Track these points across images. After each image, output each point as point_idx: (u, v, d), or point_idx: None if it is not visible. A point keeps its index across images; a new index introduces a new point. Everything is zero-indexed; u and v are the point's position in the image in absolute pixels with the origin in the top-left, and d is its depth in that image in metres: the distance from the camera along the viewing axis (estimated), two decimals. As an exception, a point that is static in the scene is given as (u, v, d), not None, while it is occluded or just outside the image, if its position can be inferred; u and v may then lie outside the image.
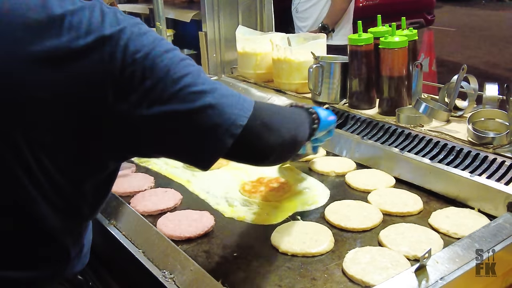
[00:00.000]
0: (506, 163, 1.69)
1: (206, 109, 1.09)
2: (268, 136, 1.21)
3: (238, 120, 1.12)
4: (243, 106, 1.14)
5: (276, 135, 1.23)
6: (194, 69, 1.11)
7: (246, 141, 1.14)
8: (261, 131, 1.19)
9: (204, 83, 1.10)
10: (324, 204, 1.76)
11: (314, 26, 4.12)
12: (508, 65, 8.31)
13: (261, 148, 1.21)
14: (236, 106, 1.13)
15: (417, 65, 2.10)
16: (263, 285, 1.34)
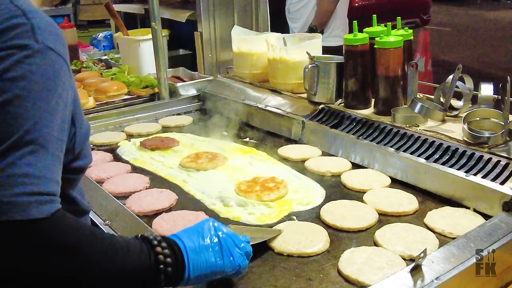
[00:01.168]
0: (501, 163, 1.69)
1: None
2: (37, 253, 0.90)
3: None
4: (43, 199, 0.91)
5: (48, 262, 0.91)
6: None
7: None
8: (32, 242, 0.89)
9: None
10: (319, 204, 1.76)
11: (304, 27, 4.13)
12: (503, 64, 8.32)
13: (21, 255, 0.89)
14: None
15: (413, 65, 2.10)
16: (259, 285, 1.34)
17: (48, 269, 0.92)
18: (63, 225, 0.96)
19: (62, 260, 0.92)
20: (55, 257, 0.92)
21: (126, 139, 2.49)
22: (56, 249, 0.92)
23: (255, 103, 2.61)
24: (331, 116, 2.28)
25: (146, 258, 1.04)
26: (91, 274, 0.96)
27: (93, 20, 6.99)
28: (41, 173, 0.93)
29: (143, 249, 1.05)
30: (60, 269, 0.92)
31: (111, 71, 3.42)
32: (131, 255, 1.02)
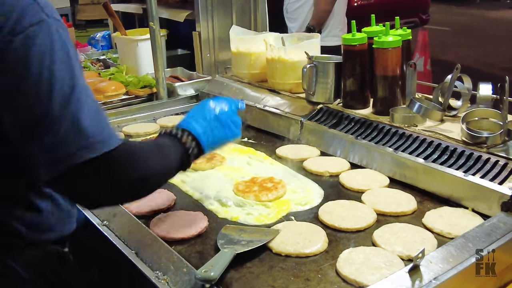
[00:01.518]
0: (500, 163, 1.69)
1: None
2: (117, 176, 1.20)
3: (96, 147, 1.14)
4: (109, 138, 1.17)
5: (129, 178, 1.22)
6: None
7: (92, 173, 1.16)
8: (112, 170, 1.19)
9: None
10: (318, 204, 1.76)
11: (302, 27, 4.14)
12: (502, 64, 8.33)
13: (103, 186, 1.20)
14: (100, 134, 1.16)
15: (411, 64, 2.09)
16: (257, 285, 1.33)
17: (134, 176, 1.23)
18: (132, 146, 1.29)
19: (142, 168, 1.26)
20: (138, 167, 1.25)
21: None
22: (135, 162, 1.25)
23: (254, 103, 2.61)
24: (329, 116, 2.28)
25: (181, 149, 1.42)
26: (157, 171, 1.32)
27: (91, 20, 6.98)
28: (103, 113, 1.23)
29: (176, 144, 1.43)
30: (142, 174, 1.25)
31: (109, 71, 3.41)
32: (173, 151, 1.40)
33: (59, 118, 1.12)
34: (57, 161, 1.13)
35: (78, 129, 1.13)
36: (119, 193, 1.25)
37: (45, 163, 1.14)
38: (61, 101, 1.13)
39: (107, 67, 3.68)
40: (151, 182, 1.31)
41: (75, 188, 1.19)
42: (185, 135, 1.45)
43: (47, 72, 1.13)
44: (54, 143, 1.12)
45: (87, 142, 1.13)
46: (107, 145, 1.16)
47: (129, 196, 1.31)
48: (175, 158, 1.40)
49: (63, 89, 1.14)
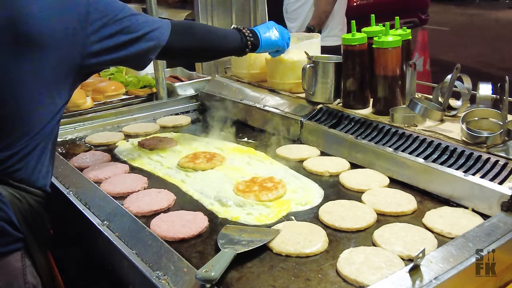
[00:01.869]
0: (500, 163, 1.69)
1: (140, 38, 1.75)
2: (180, 47, 1.95)
3: (161, 38, 1.83)
4: (162, 30, 1.84)
5: (187, 47, 2.00)
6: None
7: (167, 50, 1.87)
8: (175, 44, 1.89)
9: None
10: (318, 204, 1.76)
11: (302, 27, 4.14)
12: (502, 64, 8.33)
13: (178, 54, 2.02)
14: (158, 30, 1.82)
15: (411, 64, 2.09)
16: (257, 285, 1.33)
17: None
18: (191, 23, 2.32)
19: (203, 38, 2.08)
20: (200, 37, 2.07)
21: (124, 139, 2.49)
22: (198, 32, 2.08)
23: (253, 103, 2.61)
24: (329, 116, 2.28)
25: (238, 34, 2.19)
26: (221, 45, 2.16)
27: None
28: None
29: (235, 31, 2.20)
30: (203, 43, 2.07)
31: (109, 71, 3.41)
32: (230, 32, 2.18)
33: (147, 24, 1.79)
34: (152, 48, 1.81)
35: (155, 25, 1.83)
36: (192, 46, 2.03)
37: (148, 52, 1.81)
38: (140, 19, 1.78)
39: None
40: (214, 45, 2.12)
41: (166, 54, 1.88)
42: (247, 29, 2.21)
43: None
44: (148, 41, 1.78)
45: (161, 28, 1.84)
46: (169, 25, 1.88)
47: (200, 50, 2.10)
48: (231, 36, 2.16)
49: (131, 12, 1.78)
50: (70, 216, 1.84)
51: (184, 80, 3.17)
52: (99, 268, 1.76)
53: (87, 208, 1.73)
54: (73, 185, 1.89)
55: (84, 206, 1.74)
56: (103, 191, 1.82)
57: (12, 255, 1.46)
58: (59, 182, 1.92)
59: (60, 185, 1.90)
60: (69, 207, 1.79)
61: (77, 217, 1.73)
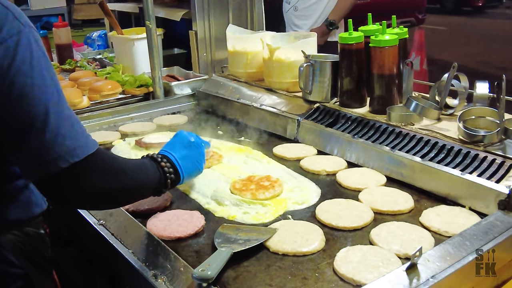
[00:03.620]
0: (497, 161, 1.69)
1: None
2: (101, 180, 1.29)
3: (76, 152, 1.21)
4: (86, 143, 1.24)
5: (112, 183, 1.33)
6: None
7: (75, 176, 1.23)
8: (95, 174, 1.27)
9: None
10: (315, 203, 1.76)
11: (317, 23, 4.07)
12: (498, 63, 8.34)
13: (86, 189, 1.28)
14: (79, 139, 1.23)
15: (408, 63, 2.09)
16: (254, 284, 1.33)
17: (110, 187, 1.32)
18: (106, 155, 1.37)
19: (117, 179, 1.34)
20: (115, 176, 1.34)
21: (120, 138, 2.48)
22: (113, 170, 1.35)
23: (250, 102, 2.61)
24: (326, 115, 2.27)
25: (157, 170, 1.51)
26: (133, 183, 1.41)
27: (87, 19, 6.97)
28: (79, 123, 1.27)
29: (153, 165, 1.51)
30: (117, 186, 1.35)
31: (106, 70, 3.41)
32: (150, 170, 1.49)
33: (43, 125, 1.17)
34: (41, 166, 1.19)
35: (61, 136, 1.19)
36: (99, 196, 1.32)
37: (30, 168, 1.22)
38: (44, 109, 1.18)
39: (104, 66, 3.67)
40: (135, 189, 1.44)
41: (58, 191, 1.25)
42: (164, 160, 1.55)
43: (30, 80, 1.17)
44: (39, 149, 1.18)
45: (68, 148, 1.19)
46: (87, 150, 1.23)
47: (117, 198, 1.40)
48: (152, 177, 1.49)
49: (47, 96, 1.19)
50: (66, 215, 1.83)
51: (181, 79, 3.17)
52: (95, 267, 1.76)
53: (83, 207, 1.72)
54: (69, 184, 1.88)
55: (80, 205, 1.74)
56: (99, 190, 1.81)
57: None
58: (55, 182, 1.91)
59: (56, 184, 1.89)
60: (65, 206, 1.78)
61: (73, 217, 1.73)
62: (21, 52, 1.17)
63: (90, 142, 1.25)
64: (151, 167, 1.50)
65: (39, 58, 1.20)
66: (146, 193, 1.52)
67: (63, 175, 1.20)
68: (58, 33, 4.01)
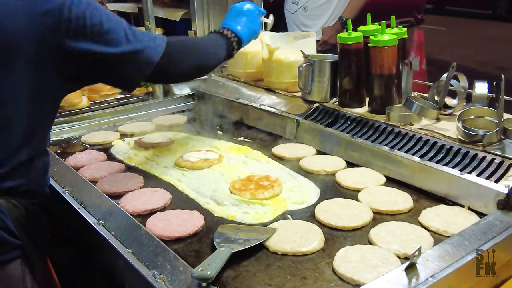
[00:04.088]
0: (496, 161, 1.69)
1: (127, 55, 1.56)
2: (175, 68, 1.76)
3: (153, 58, 1.63)
4: (156, 48, 1.64)
5: (183, 67, 1.81)
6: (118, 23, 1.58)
7: (159, 72, 1.67)
8: (170, 65, 1.71)
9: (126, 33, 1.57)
10: (314, 203, 1.76)
11: (329, 22, 4.06)
12: (497, 63, 8.34)
13: (171, 75, 1.85)
14: (151, 48, 1.63)
15: (407, 63, 2.09)
16: (253, 284, 1.33)
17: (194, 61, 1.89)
18: (177, 40, 1.87)
19: (196, 50, 1.92)
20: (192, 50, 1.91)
21: (120, 138, 2.48)
22: (189, 48, 1.92)
23: (250, 102, 2.61)
24: (325, 114, 2.28)
25: (225, 40, 2.01)
26: (207, 51, 1.96)
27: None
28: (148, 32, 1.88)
29: (217, 35, 2.03)
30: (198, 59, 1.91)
31: (105, 70, 3.40)
32: (217, 40, 2.01)
33: (134, 45, 1.57)
34: (143, 68, 1.63)
35: (147, 43, 1.62)
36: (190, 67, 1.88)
37: (138, 72, 1.65)
38: (129, 33, 1.58)
39: (103, 66, 3.66)
40: (209, 59, 1.96)
41: (162, 79, 1.98)
42: (226, 30, 2.03)
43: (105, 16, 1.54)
44: (137, 60, 1.60)
45: (154, 48, 1.64)
46: (164, 42, 1.69)
47: (197, 69, 1.95)
48: (221, 43, 1.99)
49: (121, 23, 1.59)
50: (66, 215, 1.84)
51: (180, 79, 3.16)
52: (95, 267, 1.76)
53: (82, 207, 1.72)
54: (69, 185, 1.88)
55: (80, 205, 1.74)
56: (99, 190, 1.82)
57: (12, 263, 1.45)
58: (55, 182, 1.91)
59: (56, 184, 1.90)
60: (64, 206, 1.78)
61: (73, 217, 1.73)
62: (87, 8, 1.48)
63: (161, 41, 1.68)
64: (216, 38, 2.00)
65: (95, 5, 1.54)
66: (220, 56, 1.99)
67: (162, 59, 1.65)
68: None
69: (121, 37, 1.54)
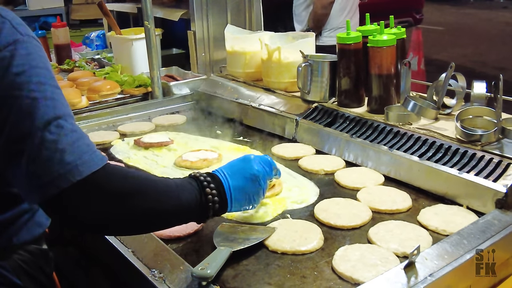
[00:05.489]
0: (494, 160, 1.70)
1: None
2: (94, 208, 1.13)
3: (78, 170, 1.08)
4: (90, 159, 1.11)
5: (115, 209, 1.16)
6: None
7: (71, 202, 1.10)
8: (87, 200, 1.12)
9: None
10: (313, 202, 1.76)
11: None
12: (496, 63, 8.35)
13: (80, 216, 1.14)
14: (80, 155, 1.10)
15: (406, 63, 2.10)
16: (253, 283, 1.34)
17: (123, 211, 1.16)
18: (119, 172, 1.20)
19: (132, 201, 1.16)
20: (126, 200, 1.15)
21: (119, 138, 2.49)
22: (123, 193, 1.15)
23: (249, 102, 2.61)
24: (324, 114, 2.28)
25: (197, 196, 1.30)
26: (155, 211, 1.21)
27: (85, 19, 6.97)
28: (84, 137, 1.14)
29: (194, 188, 1.30)
30: (132, 209, 1.17)
31: (104, 70, 3.41)
32: (185, 192, 1.28)
33: (41, 141, 1.07)
34: (41, 188, 1.07)
35: (60, 152, 1.07)
36: (112, 221, 1.18)
37: (30, 190, 1.10)
38: (40, 124, 1.08)
39: (102, 66, 3.67)
40: (150, 214, 1.22)
41: (62, 214, 1.14)
42: (212, 184, 1.35)
43: (26, 93, 1.09)
44: (36, 168, 1.07)
45: (70, 165, 1.07)
46: (92, 167, 1.10)
47: (124, 225, 1.23)
48: (188, 203, 1.29)
49: (45, 110, 1.09)
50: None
51: (179, 79, 3.17)
52: (96, 266, 1.76)
53: (83, 207, 1.72)
54: (69, 184, 1.88)
55: (80, 205, 1.74)
56: (98, 190, 1.82)
57: None
58: (55, 181, 1.91)
59: (56, 184, 1.89)
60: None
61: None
62: (17, 64, 1.09)
63: (96, 158, 1.12)
64: (188, 191, 1.30)
65: (38, 68, 1.12)
66: (176, 221, 1.33)
67: (66, 196, 1.07)
68: (57, 33, 4.01)
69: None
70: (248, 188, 1.44)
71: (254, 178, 1.45)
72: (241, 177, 1.43)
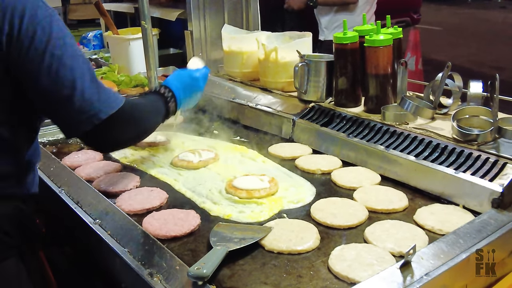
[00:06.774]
0: (490, 160, 1.70)
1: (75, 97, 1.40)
2: (122, 132, 1.57)
3: (100, 114, 1.43)
4: (108, 103, 1.46)
5: (131, 132, 1.63)
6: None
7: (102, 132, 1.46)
8: (117, 128, 1.52)
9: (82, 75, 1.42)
10: (310, 202, 1.77)
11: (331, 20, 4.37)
12: (493, 63, 8.36)
13: (111, 140, 1.57)
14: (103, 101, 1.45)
15: (402, 63, 2.10)
16: (249, 282, 1.34)
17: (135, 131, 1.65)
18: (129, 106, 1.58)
19: (141, 123, 1.68)
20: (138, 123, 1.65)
21: (116, 138, 2.48)
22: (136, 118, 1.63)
23: (246, 102, 2.61)
24: (321, 114, 2.28)
25: (164, 103, 1.83)
26: (151, 124, 1.75)
27: (82, 19, 6.96)
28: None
29: (161, 102, 1.83)
30: (141, 128, 1.70)
31: (101, 70, 3.41)
32: (161, 108, 1.81)
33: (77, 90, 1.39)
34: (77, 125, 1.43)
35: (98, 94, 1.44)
36: (130, 138, 1.66)
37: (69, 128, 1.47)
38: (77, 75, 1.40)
39: (99, 66, 3.67)
40: (150, 129, 1.76)
41: (94, 142, 1.54)
42: (166, 91, 1.86)
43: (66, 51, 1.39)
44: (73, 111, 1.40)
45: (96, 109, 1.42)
46: (112, 108, 1.45)
47: (136, 139, 1.77)
48: (162, 113, 1.82)
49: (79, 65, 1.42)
50: (62, 215, 1.84)
51: (176, 79, 3.16)
52: (92, 266, 1.76)
53: (79, 207, 1.73)
54: (65, 184, 1.89)
55: (76, 205, 1.74)
56: (95, 190, 1.82)
57: (7, 262, 1.46)
58: (51, 181, 1.92)
59: (52, 184, 1.90)
60: (61, 206, 1.78)
61: (69, 216, 1.73)
62: (55, 30, 1.38)
63: (115, 101, 1.48)
64: (161, 105, 1.82)
65: (67, 33, 1.42)
66: (157, 125, 1.81)
67: (93, 132, 1.43)
68: (54, 33, 4.00)
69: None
70: (190, 86, 2.01)
71: (193, 78, 2.04)
72: (190, 92, 2.00)
